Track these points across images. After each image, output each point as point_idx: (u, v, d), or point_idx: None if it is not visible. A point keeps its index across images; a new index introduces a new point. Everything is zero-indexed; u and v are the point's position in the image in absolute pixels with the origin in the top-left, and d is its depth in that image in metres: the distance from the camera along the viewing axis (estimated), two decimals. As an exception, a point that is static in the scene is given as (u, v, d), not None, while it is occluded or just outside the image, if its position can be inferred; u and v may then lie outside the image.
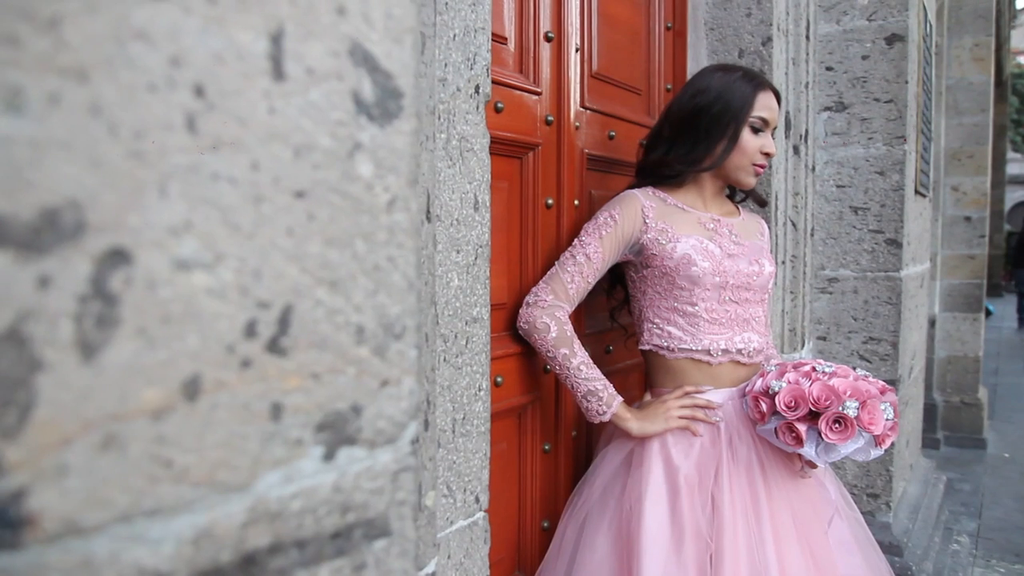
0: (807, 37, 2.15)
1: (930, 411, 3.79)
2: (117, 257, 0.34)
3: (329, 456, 0.45)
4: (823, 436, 1.42)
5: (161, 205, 0.36)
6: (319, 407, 0.44)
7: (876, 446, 1.51)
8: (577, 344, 1.43)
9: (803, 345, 2.20)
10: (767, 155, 1.53)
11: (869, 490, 2.32)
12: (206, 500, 0.39)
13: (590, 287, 1.51)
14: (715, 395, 1.54)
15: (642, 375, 1.87)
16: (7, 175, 0.31)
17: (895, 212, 2.26)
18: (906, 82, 2.23)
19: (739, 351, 1.54)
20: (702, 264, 1.49)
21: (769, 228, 2.01)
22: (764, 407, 1.47)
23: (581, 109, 1.71)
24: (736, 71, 1.56)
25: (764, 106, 1.53)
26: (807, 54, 2.15)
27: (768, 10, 2.04)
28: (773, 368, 1.51)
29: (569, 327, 1.44)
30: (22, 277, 0.31)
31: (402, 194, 0.49)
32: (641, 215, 1.50)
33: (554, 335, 1.40)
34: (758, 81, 1.56)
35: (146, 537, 0.37)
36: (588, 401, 1.44)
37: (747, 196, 1.68)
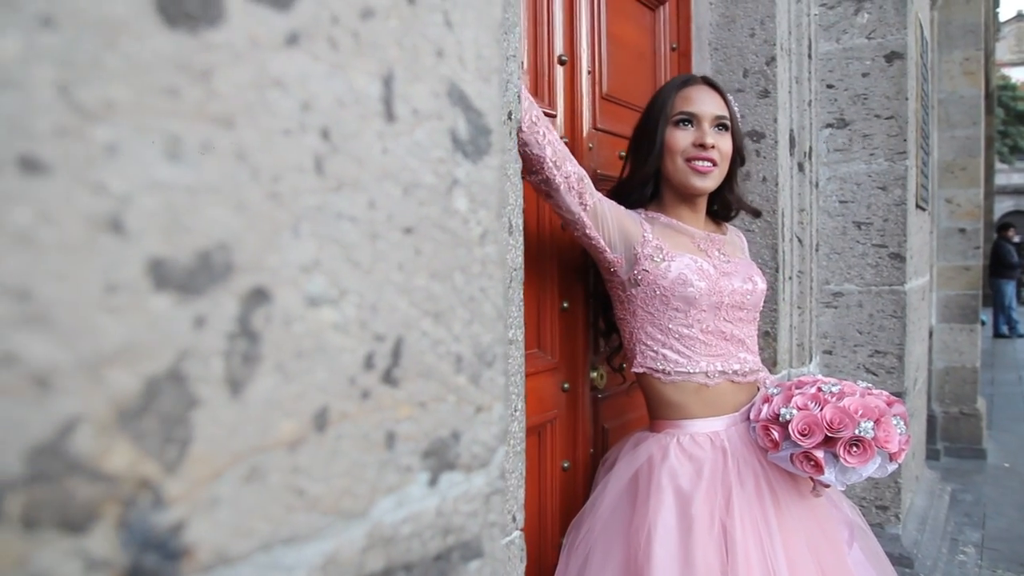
0: (809, 56, 2.19)
1: (929, 422, 3.83)
2: (259, 296, 0.36)
3: (433, 481, 0.47)
4: (842, 460, 1.41)
5: (294, 244, 0.38)
6: (425, 434, 0.46)
7: (891, 461, 1.52)
8: None
9: (811, 359, 2.22)
10: (703, 146, 1.46)
11: (878, 502, 2.34)
12: (333, 527, 0.40)
13: (602, 204, 1.41)
14: (716, 422, 1.52)
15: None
16: (168, 220, 0.32)
17: (898, 226, 2.30)
18: (906, 99, 2.27)
19: (735, 371, 1.52)
20: (698, 284, 1.47)
21: (777, 244, 2.03)
22: (776, 435, 1.45)
23: (593, 130, 1.74)
24: (675, 79, 1.55)
25: (685, 99, 1.49)
26: (809, 72, 2.20)
27: (771, 30, 2.08)
28: (776, 391, 1.49)
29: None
30: (181, 318, 0.33)
31: (492, 227, 0.51)
32: (640, 227, 1.48)
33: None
34: (684, 79, 1.53)
35: (282, 564, 0.38)
36: None
37: (738, 210, 1.66)
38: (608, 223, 1.42)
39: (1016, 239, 11.58)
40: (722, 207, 1.65)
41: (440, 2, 0.46)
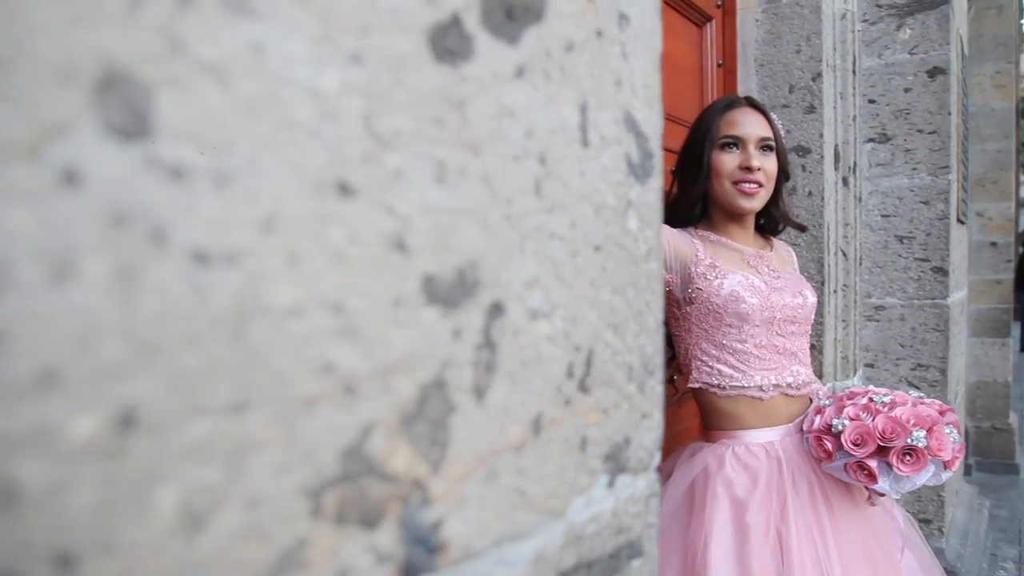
0: (853, 72, 2.21)
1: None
2: (497, 309, 0.39)
3: (611, 483, 0.49)
4: (896, 469, 1.42)
5: (521, 262, 0.41)
6: (607, 439, 0.49)
7: (945, 469, 1.53)
8: None
9: (855, 372, 2.24)
10: (749, 169, 1.49)
11: (921, 515, 2.35)
12: (542, 526, 0.43)
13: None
14: (771, 432, 1.54)
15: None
16: (436, 239, 0.35)
17: (941, 240, 2.31)
18: (949, 113, 2.29)
19: (788, 384, 1.55)
20: (750, 300, 1.49)
21: (823, 258, 2.05)
22: (829, 445, 1.47)
23: (650, 145, 1.76)
24: (718, 102, 1.58)
25: (730, 122, 1.51)
26: (854, 88, 2.22)
27: (817, 47, 2.11)
28: (828, 402, 1.51)
29: None
30: (444, 330, 0.36)
31: (654, 244, 0.54)
32: (692, 246, 1.51)
33: None
34: (728, 102, 1.55)
35: (506, 560, 0.41)
36: None
37: (784, 225, 1.68)
38: (664, 245, 1.45)
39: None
40: (769, 222, 1.68)
41: (618, 35, 0.49)
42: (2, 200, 0.21)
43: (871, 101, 2.40)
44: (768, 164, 1.53)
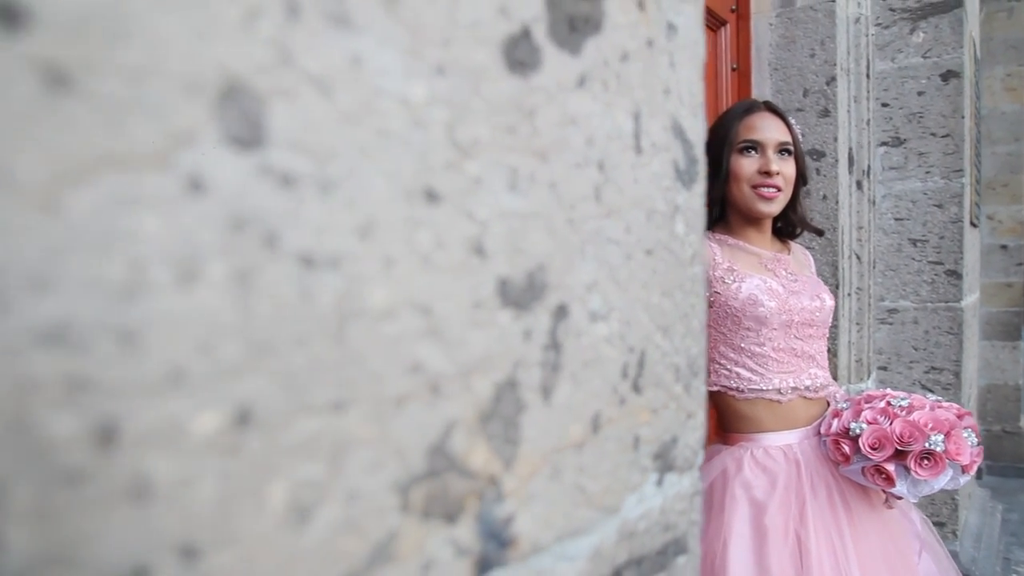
0: (867, 75, 2.22)
1: (971, 439, 3.80)
2: (562, 311, 0.40)
3: (660, 481, 0.50)
4: (913, 473, 1.43)
5: (582, 265, 0.42)
6: (657, 438, 0.50)
7: (963, 473, 1.53)
8: None
9: (868, 375, 2.24)
10: (768, 173, 1.50)
11: (935, 519, 2.35)
12: (599, 522, 0.44)
13: None
14: (789, 435, 1.55)
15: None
16: (509, 244, 0.37)
17: (954, 244, 2.32)
18: (962, 117, 2.30)
19: (806, 387, 1.56)
20: (768, 304, 1.50)
21: (837, 261, 2.06)
22: (847, 449, 1.47)
23: (667, 149, 1.77)
24: (737, 106, 1.58)
25: (749, 127, 1.52)
26: (867, 92, 2.23)
27: (831, 51, 2.11)
28: (845, 406, 1.52)
29: None
30: (516, 331, 0.37)
31: (698, 248, 0.55)
32: (709, 250, 1.51)
33: None
34: (747, 106, 1.56)
35: (567, 555, 0.42)
36: None
37: (802, 229, 1.69)
38: None
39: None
40: (786, 226, 1.69)
41: (667, 44, 0.50)
42: (136, 206, 0.22)
43: (884, 105, 2.41)
44: (787, 168, 1.54)
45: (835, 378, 2.06)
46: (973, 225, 2.60)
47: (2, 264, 0.20)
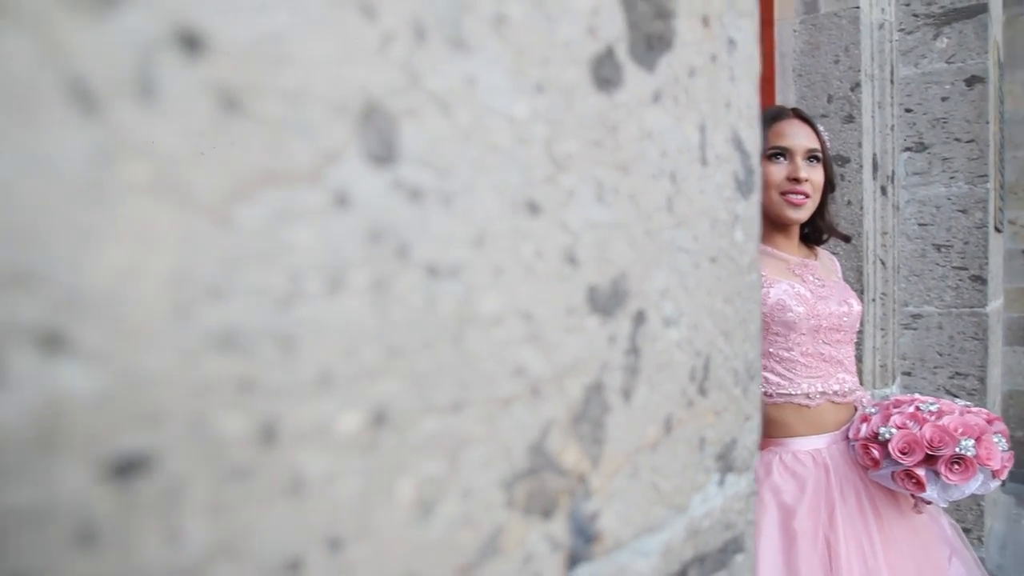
0: (891, 81, 2.23)
1: (993, 445, 3.77)
2: (640, 317, 0.42)
3: (721, 482, 0.52)
4: (944, 478, 1.43)
5: (657, 273, 0.43)
6: (719, 439, 0.51)
7: (994, 478, 1.53)
8: None
9: (893, 380, 2.24)
10: (796, 180, 1.52)
11: (961, 525, 2.34)
12: (670, 520, 0.46)
13: None
14: (818, 440, 1.56)
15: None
16: (597, 253, 0.38)
17: (979, 249, 2.32)
18: (987, 122, 2.30)
19: (835, 392, 1.57)
20: (796, 309, 1.52)
21: (862, 267, 2.07)
22: (876, 453, 1.48)
23: (693, 155, 1.79)
24: (765, 113, 1.60)
25: (778, 134, 1.54)
26: (891, 97, 2.23)
27: (856, 57, 2.12)
28: (873, 410, 1.53)
29: None
30: (602, 336, 0.39)
31: (755, 256, 0.56)
32: None
33: None
34: (776, 113, 1.58)
35: (643, 551, 0.43)
36: None
37: (829, 235, 1.70)
38: None
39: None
40: (813, 232, 1.70)
41: (728, 59, 0.52)
42: (293, 220, 0.24)
43: (908, 110, 2.41)
44: (815, 175, 1.56)
45: (860, 383, 2.06)
46: (997, 230, 2.59)
47: (184, 274, 0.22)
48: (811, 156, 1.57)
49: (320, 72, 0.25)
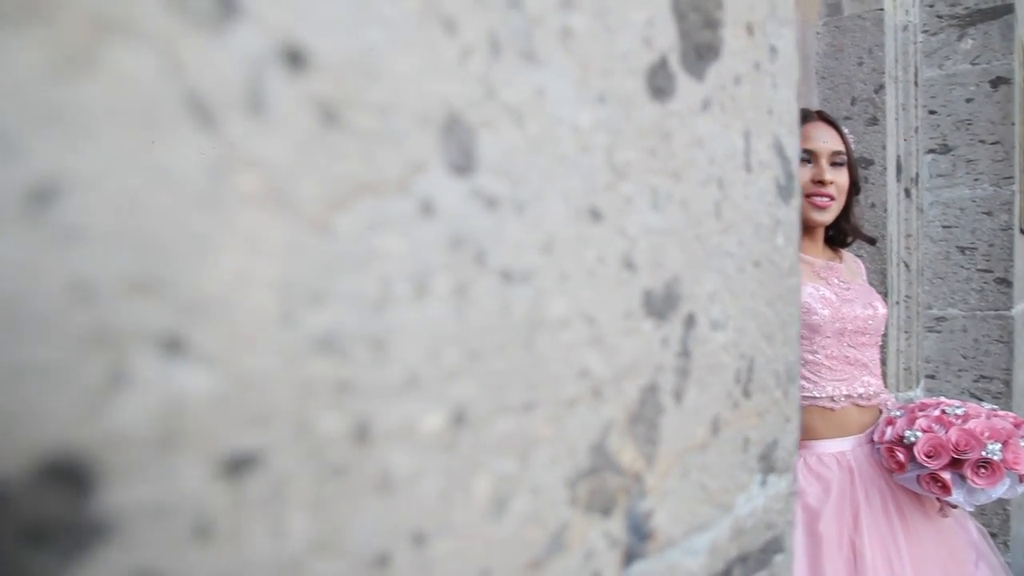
0: (915, 83, 2.22)
1: (1015, 448, 3.74)
2: (691, 320, 0.43)
3: (763, 482, 0.53)
4: (970, 482, 1.43)
5: (705, 277, 0.44)
6: (761, 440, 0.52)
7: (1021, 483, 1.53)
8: None
9: (917, 383, 2.24)
10: (821, 183, 1.54)
11: (987, 529, 2.33)
12: (717, 519, 0.47)
13: None
14: (843, 443, 1.56)
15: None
16: (652, 258, 0.39)
17: (1004, 251, 2.30)
18: (1012, 124, 2.29)
19: (859, 395, 1.57)
20: (822, 312, 1.52)
21: (886, 269, 2.06)
22: (901, 457, 1.48)
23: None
24: None
25: (803, 136, 1.55)
26: (915, 99, 2.23)
27: (880, 59, 2.12)
28: (899, 413, 1.53)
29: None
30: (656, 339, 0.40)
31: (794, 261, 0.57)
32: None
33: None
34: (801, 115, 1.58)
35: (692, 549, 0.44)
36: None
37: (854, 238, 1.70)
38: None
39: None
40: (838, 235, 1.70)
41: (770, 67, 0.53)
42: (384, 228, 0.25)
43: (931, 112, 2.40)
44: (840, 178, 1.56)
45: (884, 386, 2.06)
46: (1022, 232, 2.57)
47: (289, 280, 0.23)
48: (836, 158, 1.57)
49: (407, 85, 0.26)
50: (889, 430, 1.49)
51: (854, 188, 1.62)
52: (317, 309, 0.24)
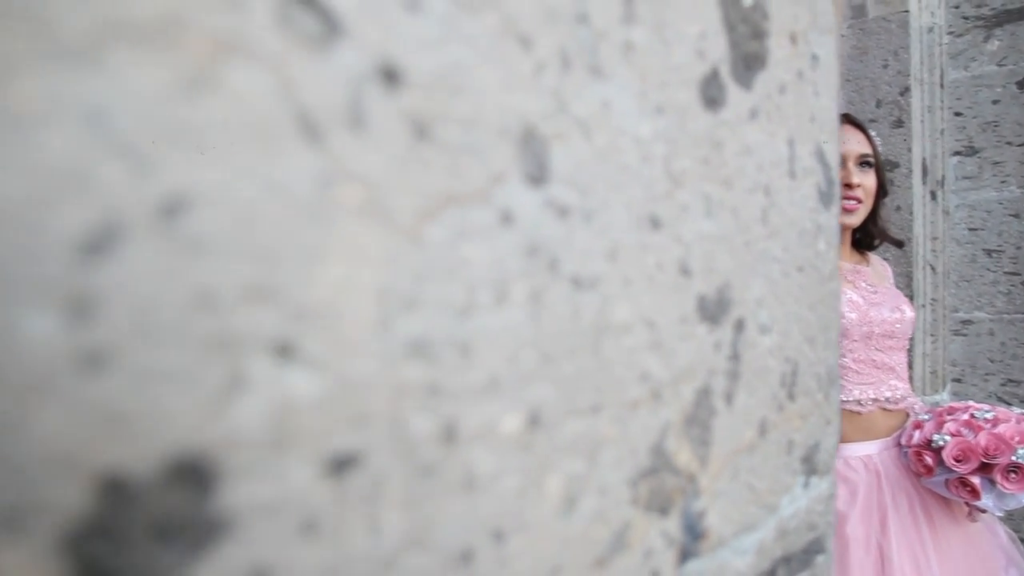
0: (941, 85, 2.21)
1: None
2: (740, 325, 0.44)
3: (806, 484, 0.54)
4: (999, 486, 1.42)
5: (753, 282, 0.45)
6: (804, 442, 0.53)
7: (1051, 488, 1.51)
8: None
9: (944, 387, 2.23)
10: (849, 186, 1.55)
11: (1017, 534, 2.31)
12: (763, 519, 0.47)
13: None
14: (870, 446, 1.56)
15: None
16: (705, 264, 0.40)
17: (1031, 254, 2.29)
18: (1039, 126, 2.27)
19: (886, 399, 1.57)
20: (849, 316, 1.52)
21: (912, 272, 2.05)
22: (929, 460, 1.48)
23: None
24: None
25: None
26: (941, 101, 2.22)
27: (905, 61, 2.11)
28: (926, 417, 1.52)
29: None
30: (709, 343, 0.41)
31: (835, 265, 0.58)
32: None
33: None
34: None
35: (740, 548, 0.45)
36: None
37: (881, 241, 1.70)
38: None
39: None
40: (865, 238, 1.70)
41: (812, 75, 0.54)
42: (468, 237, 0.27)
43: (957, 114, 2.39)
44: (867, 181, 1.56)
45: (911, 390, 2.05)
46: (1048, 235, 2.55)
47: (386, 287, 0.24)
48: (863, 161, 1.57)
49: (488, 100, 0.27)
50: (917, 434, 1.49)
51: (882, 191, 1.62)
52: (410, 315, 0.25)
